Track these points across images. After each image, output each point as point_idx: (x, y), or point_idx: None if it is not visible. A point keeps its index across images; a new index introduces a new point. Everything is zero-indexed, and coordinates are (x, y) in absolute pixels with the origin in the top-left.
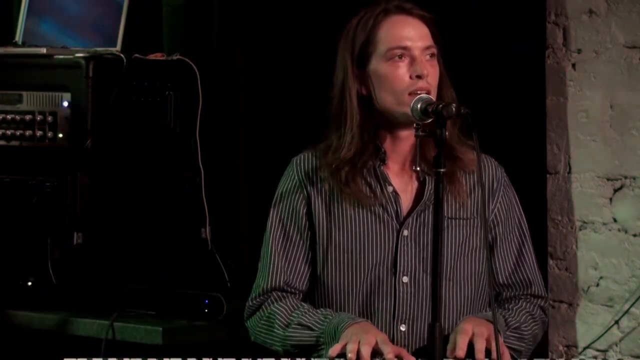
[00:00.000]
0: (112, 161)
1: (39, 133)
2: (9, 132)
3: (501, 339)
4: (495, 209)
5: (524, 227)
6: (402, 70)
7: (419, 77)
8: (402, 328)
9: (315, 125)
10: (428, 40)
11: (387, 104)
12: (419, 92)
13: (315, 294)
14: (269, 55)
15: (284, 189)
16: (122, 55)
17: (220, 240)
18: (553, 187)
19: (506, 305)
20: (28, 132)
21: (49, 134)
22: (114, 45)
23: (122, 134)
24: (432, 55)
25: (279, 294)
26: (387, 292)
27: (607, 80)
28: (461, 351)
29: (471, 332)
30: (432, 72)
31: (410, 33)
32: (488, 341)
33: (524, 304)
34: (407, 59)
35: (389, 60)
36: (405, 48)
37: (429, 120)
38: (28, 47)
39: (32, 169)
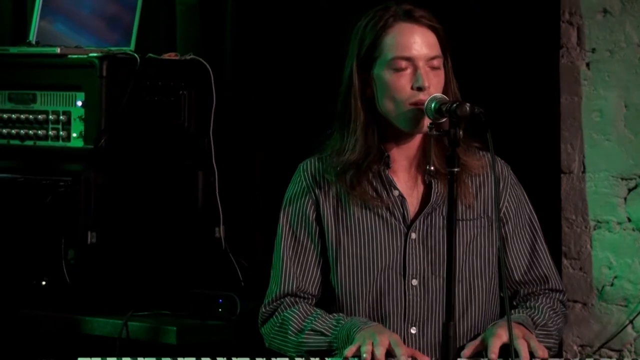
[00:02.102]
0: (126, 161)
1: (52, 133)
2: (22, 132)
3: (535, 338)
4: (504, 207)
5: (535, 224)
6: (404, 80)
7: (419, 89)
8: (413, 331)
9: (330, 124)
10: (434, 50)
11: (388, 110)
12: (419, 104)
13: (325, 298)
14: (282, 55)
15: (292, 195)
16: (135, 54)
17: (234, 240)
18: (567, 187)
19: (527, 303)
20: (42, 132)
21: (63, 134)
22: (128, 44)
23: (135, 134)
24: (436, 65)
25: (292, 299)
26: (397, 296)
27: (622, 79)
28: (494, 354)
29: (505, 335)
30: (434, 83)
31: (417, 42)
32: (523, 342)
33: (544, 299)
34: (410, 69)
35: (393, 69)
36: (409, 58)
37: (442, 120)
38: (42, 46)
39: (45, 168)
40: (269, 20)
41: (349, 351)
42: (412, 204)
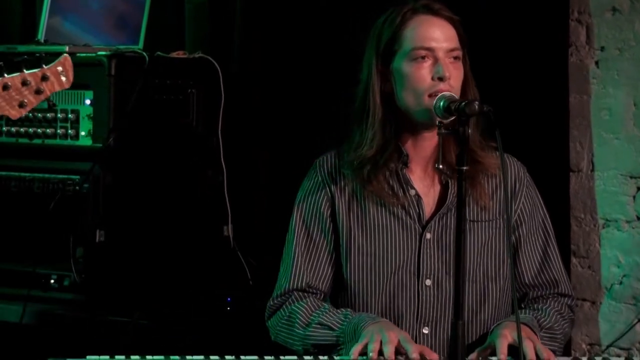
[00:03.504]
0: (134, 159)
1: (61, 131)
2: (31, 130)
3: (539, 340)
4: (519, 210)
5: (548, 227)
6: (425, 71)
7: (440, 79)
8: (425, 330)
9: (336, 124)
10: (453, 42)
11: (408, 103)
12: (439, 93)
13: (337, 295)
14: (289, 53)
15: (307, 190)
16: (144, 53)
17: (243, 238)
18: (576, 185)
19: (535, 306)
20: (50, 130)
21: (71, 132)
22: (137, 43)
23: (144, 132)
24: (456, 57)
25: (300, 294)
26: (410, 295)
27: (631, 77)
28: (503, 355)
29: (510, 336)
30: (454, 75)
31: (436, 34)
32: (530, 343)
33: (553, 303)
34: (431, 60)
35: (413, 60)
36: (429, 49)
37: (452, 119)
38: (50, 45)
39: (54, 166)
40: (277, 19)
41: (356, 351)
42: (428, 203)
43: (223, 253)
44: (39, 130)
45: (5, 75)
